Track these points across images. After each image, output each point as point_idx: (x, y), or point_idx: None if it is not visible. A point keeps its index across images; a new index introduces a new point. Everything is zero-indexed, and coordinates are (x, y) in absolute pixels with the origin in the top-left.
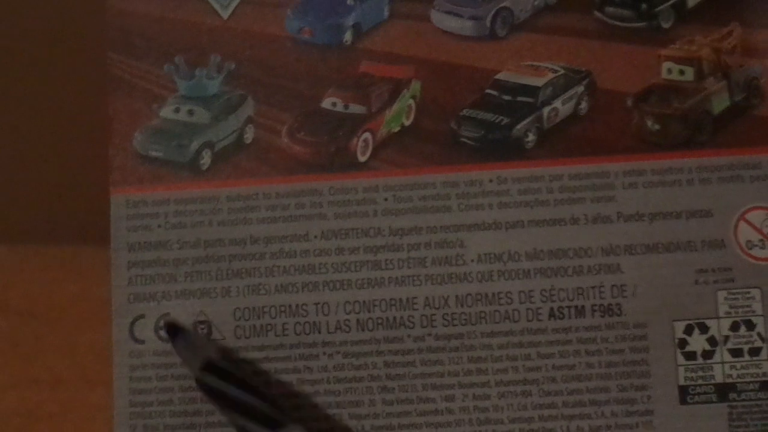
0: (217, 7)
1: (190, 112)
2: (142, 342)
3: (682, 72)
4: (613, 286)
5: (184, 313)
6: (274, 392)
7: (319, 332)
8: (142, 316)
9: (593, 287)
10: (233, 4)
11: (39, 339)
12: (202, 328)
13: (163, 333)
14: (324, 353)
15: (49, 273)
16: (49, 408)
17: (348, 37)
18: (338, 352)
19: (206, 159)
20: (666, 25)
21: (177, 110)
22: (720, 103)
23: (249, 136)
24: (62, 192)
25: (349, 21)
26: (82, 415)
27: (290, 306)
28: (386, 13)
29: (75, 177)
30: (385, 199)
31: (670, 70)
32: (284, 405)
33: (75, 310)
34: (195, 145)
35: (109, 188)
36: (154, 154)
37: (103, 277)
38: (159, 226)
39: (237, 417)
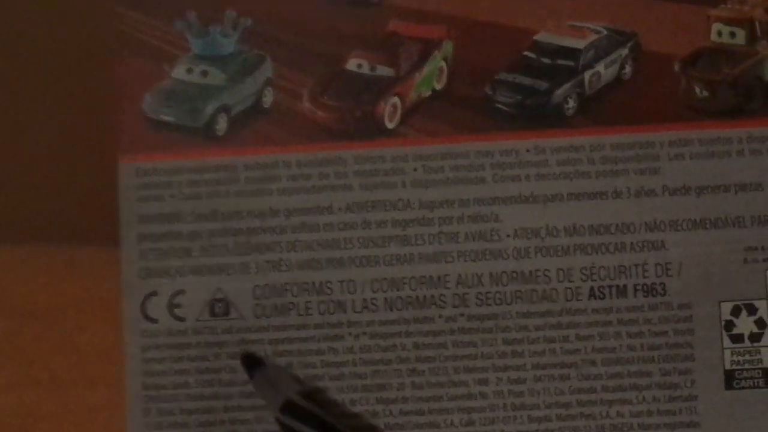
0: None
1: (204, 73)
2: (155, 321)
3: (732, 34)
4: (656, 264)
5: (200, 290)
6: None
7: (345, 312)
8: (154, 293)
9: (636, 265)
10: None
11: (39, 339)
12: (220, 306)
13: (178, 311)
14: (350, 334)
15: (49, 273)
16: (49, 408)
17: None
18: (365, 333)
19: (222, 124)
20: None
21: (190, 71)
22: None
23: (268, 99)
24: (63, 192)
25: None
26: (82, 415)
27: (313, 283)
28: None
29: (77, 176)
30: (415, 170)
31: (720, 33)
32: None
33: (75, 310)
34: (210, 108)
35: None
36: (165, 118)
37: (103, 277)
38: (172, 196)
39: None
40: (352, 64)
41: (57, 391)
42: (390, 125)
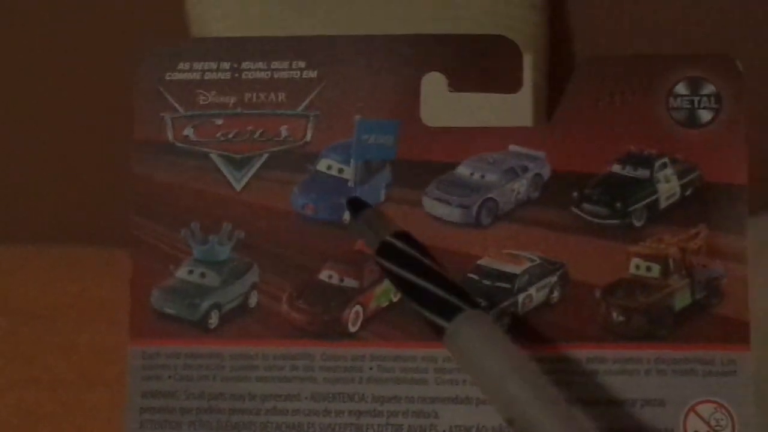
0: (231, 179)
1: (202, 275)
2: None
3: (648, 268)
4: None
5: None
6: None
7: None
8: None
9: None
10: (246, 178)
11: (39, 339)
12: None
13: None
14: None
15: (49, 273)
16: (49, 408)
17: (347, 215)
18: None
19: (214, 319)
20: (638, 224)
21: (191, 272)
22: (682, 300)
23: (253, 300)
24: (63, 192)
25: None
26: (82, 415)
27: None
28: (382, 196)
29: (76, 176)
30: (371, 368)
31: (638, 266)
32: (463, 290)
33: (75, 310)
34: (205, 305)
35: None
36: (168, 311)
37: (103, 277)
38: (169, 377)
39: (410, 301)
40: (324, 275)
41: (57, 391)
42: (353, 329)
